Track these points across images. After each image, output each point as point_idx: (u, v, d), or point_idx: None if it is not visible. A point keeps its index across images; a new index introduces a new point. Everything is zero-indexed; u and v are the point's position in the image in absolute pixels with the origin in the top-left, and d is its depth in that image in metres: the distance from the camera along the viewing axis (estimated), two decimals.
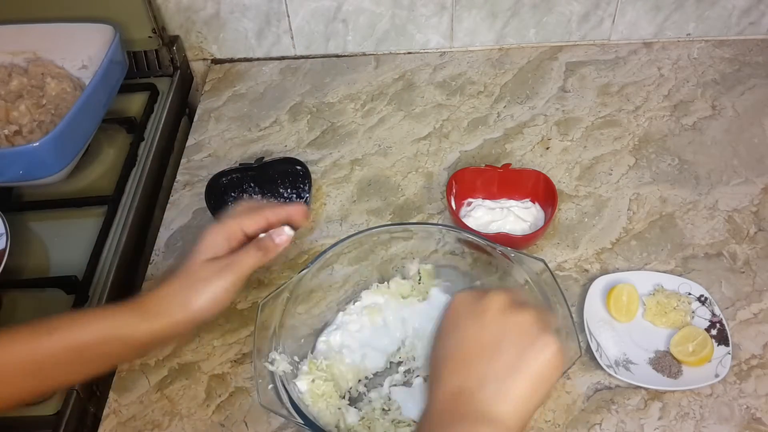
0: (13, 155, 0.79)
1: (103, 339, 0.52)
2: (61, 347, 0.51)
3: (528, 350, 0.47)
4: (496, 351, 0.47)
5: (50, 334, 0.51)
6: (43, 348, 0.51)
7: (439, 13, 1.04)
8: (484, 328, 0.49)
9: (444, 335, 0.51)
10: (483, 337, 0.48)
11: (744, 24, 1.05)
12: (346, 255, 0.70)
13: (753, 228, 0.80)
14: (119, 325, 0.53)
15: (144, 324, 0.53)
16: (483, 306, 0.50)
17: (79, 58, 0.96)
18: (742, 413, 0.64)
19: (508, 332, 0.48)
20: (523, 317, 0.49)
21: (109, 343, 0.53)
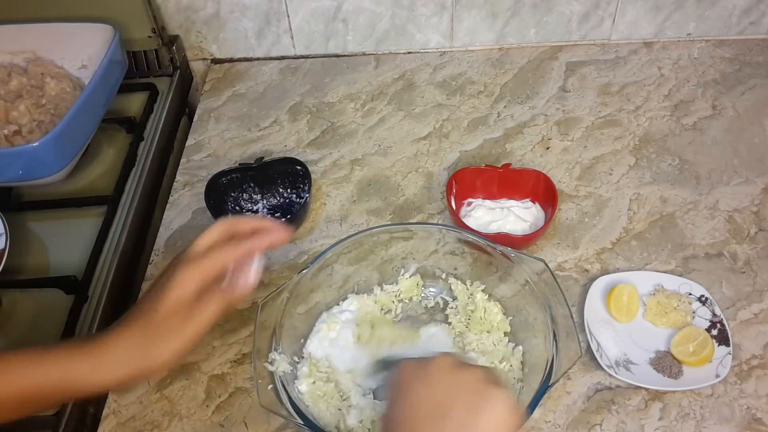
0: (13, 155, 0.79)
1: (55, 384, 0.50)
2: (13, 389, 0.49)
3: (479, 408, 0.46)
4: (447, 411, 0.46)
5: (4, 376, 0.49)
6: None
7: (439, 13, 1.04)
8: (433, 389, 0.48)
9: (393, 402, 0.50)
10: (432, 399, 0.47)
11: (744, 24, 1.05)
12: (346, 255, 0.70)
13: (753, 228, 0.80)
14: (73, 372, 0.49)
15: (99, 374, 0.50)
16: (429, 369, 0.49)
17: (78, 58, 0.96)
18: (743, 413, 0.64)
19: (456, 391, 0.47)
20: (471, 374, 0.48)
21: (62, 389, 0.50)
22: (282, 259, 0.80)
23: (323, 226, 0.84)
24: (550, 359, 0.59)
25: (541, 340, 0.62)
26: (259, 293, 0.76)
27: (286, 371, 0.61)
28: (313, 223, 0.84)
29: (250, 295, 0.53)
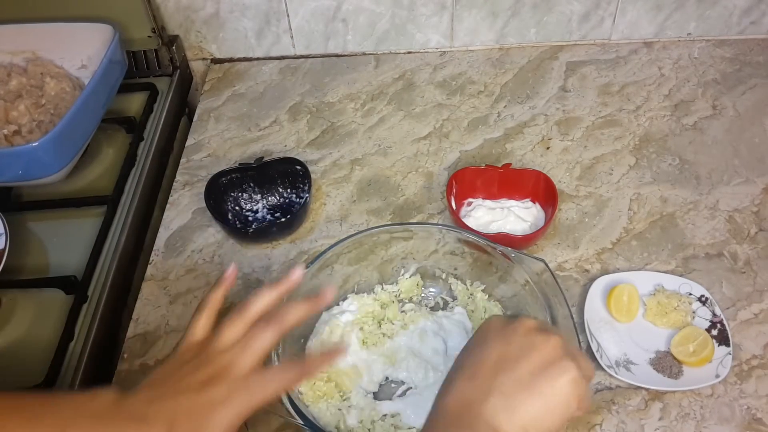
0: (13, 155, 0.79)
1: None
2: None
3: (546, 370, 0.45)
4: (514, 366, 0.46)
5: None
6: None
7: (439, 13, 1.04)
8: (508, 345, 0.48)
9: (467, 350, 0.50)
10: (504, 353, 0.47)
11: (745, 24, 1.05)
12: (346, 255, 0.70)
13: (754, 228, 0.80)
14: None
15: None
16: (511, 327, 0.49)
17: (78, 58, 0.96)
18: (743, 414, 0.64)
19: (529, 351, 0.47)
20: (549, 341, 0.47)
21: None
22: (282, 259, 0.80)
23: (323, 226, 0.84)
24: None
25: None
26: None
27: None
28: (313, 223, 0.84)
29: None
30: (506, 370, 0.46)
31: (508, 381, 0.45)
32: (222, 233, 0.84)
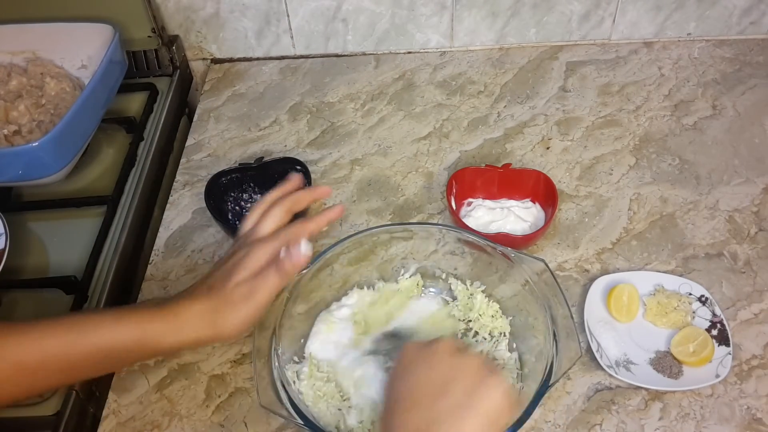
0: (13, 155, 0.79)
1: (132, 344, 0.54)
2: (93, 348, 0.53)
3: (477, 390, 0.48)
4: (446, 390, 0.48)
5: (84, 334, 0.53)
6: (76, 347, 0.52)
7: (440, 13, 1.04)
8: (433, 369, 0.50)
9: (394, 381, 0.53)
10: (432, 379, 0.50)
11: (745, 24, 1.05)
12: (346, 255, 0.70)
13: (754, 228, 0.80)
14: (150, 332, 0.54)
15: (173, 336, 0.54)
16: (431, 350, 0.52)
17: (78, 58, 0.96)
18: (743, 414, 0.64)
19: (456, 373, 0.50)
20: (471, 359, 0.51)
21: (138, 348, 0.54)
22: None
23: None
24: (550, 359, 0.59)
25: (541, 340, 0.62)
26: None
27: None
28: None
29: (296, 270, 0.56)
30: (443, 396, 0.48)
31: (447, 406, 0.48)
32: (222, 233, 0.84)
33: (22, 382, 0.52)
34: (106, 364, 0.56)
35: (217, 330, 0.55)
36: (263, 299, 0.56)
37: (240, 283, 0.56)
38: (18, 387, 0.52)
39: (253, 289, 0.55)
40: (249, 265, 0.56)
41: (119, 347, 0.54)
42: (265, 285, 0.56)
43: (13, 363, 0.51)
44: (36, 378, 0.53)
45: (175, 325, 0.54)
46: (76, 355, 0.53)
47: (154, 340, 0.54)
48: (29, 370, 0.52)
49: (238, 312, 0.55)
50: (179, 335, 0.54)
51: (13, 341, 0.52)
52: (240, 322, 0.55)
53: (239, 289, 0.55)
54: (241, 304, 0.55)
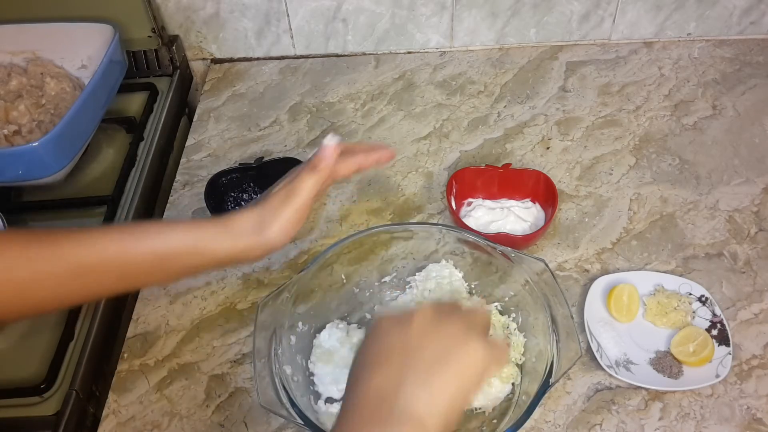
0: (13, 155, 0.79)
1: (186, 250, 0.55)
2: (148, 252, 0.54)
3: (452, 351, 0.46)
4: (419, 352, 0.46)
5: (139, 239, 0.54)
6: (132, 251, 0.54)
7: (440, 13, 1.04)
8: (409, 334, 0.48)
9: (366, 345, 0.50)
10: (406, 342, 0.48)
11: (745, 24, 1.05)
12: (346, 255, 0.70)
13: (754, 228, 0.80)
14: (204, 238, 0.56)
15: (224, 241, 0.56)
16: (407, 317, 0.49)
17: (78, 58, 0.96)
18: (743, 413, 0.64)
19: (432, 336, 0.47)
20: (451, 324, 0.48)
21: (191, 255, 0.56)
22: (282, 259, 0.80)
23: (323, 226, 0.84)
24: (550, 359, 0.59)
25: (541, 340, 0.62)
26: (259, 293, 0.77)
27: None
28: (313, 223, 0.84)
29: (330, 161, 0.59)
30: (415, 354, 0.46)
31: (417, 369, 0.46)
32: None
33: (80, 284, 0.53)
34: (161, 271, 0.56)
35: (263, 236, 0.57)
36: (300, 199, 0.58)
37: (279, 190, 0.59)
38: (77, 291, 0.53)
39: (289, 191, 0.59)
40: (288, 178, 0.60)
41: (174, 252, 0.55)
42: (300, 184, 0.59)
43: (72, 264, 0.51)
44: (94, 281, 0.53)
45: (226, 232, 0.57)
46: (133, 258, 0.54)
47: (207, 246, 0.56)
48: (88, 272, 0.52)
49: (280, 215, 0.58)
50: (230, 241, 0.56)
51: (73, 243, 0.52)
52: (282, 226, 0.58)
53: (278, 195, 0.59)
54: (281, 208, 0.58)
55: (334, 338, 0.69)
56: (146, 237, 0.55)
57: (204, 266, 0.58)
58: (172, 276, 0.59)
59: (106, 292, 0.57)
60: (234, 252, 0.57)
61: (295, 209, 0.58)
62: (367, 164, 0.63)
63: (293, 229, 0.59)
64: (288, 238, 0.59)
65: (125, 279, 0.55)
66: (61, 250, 0.51)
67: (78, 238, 0.53)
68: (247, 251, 0.57)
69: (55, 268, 0.51)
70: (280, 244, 0.58)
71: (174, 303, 0.77)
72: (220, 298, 0.77)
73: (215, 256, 0.57)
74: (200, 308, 0.76)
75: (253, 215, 0.58)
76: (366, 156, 0.63)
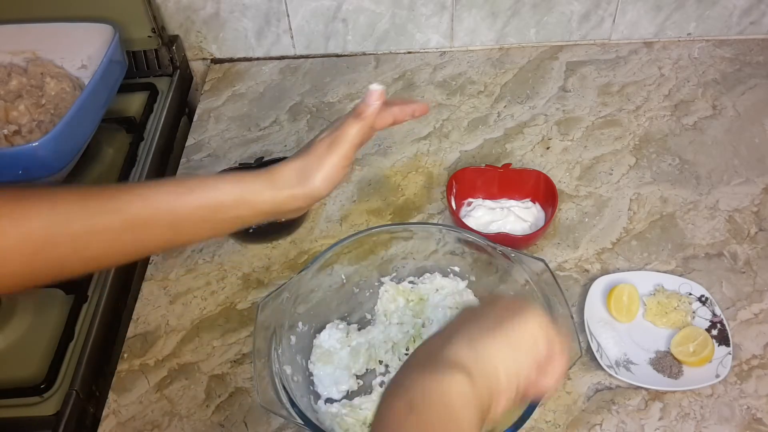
0: (13, 155, 0.79)
1: (234, 201, 0.56)
2: (198, 205, 0.55)
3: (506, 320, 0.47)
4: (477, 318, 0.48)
5: (190, 192, 0.55)
6: (184, 203, 0.55)
7: (440, 13, 1.04)
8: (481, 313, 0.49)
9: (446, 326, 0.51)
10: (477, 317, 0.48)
11: (745, 24, 1.05)
12: (346, 255, 0.70)
13: (754, 228, 0.80)
14: (249, 189, 0.57)
15: (269, 191, 0.57)
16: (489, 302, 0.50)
17: (78, 58, 0.96)
18: (743, 413, 0.64)
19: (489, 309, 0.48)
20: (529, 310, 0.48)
21: (239, 206, 0.57)
22: (282, 259, 0.80)
23: (323, 226, 0.84)
24: None
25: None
26: (259, 293, 0.77)
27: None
28: (313, 223, 0.84)
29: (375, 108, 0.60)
30: (472, 321, 0.47)
31: (472, 327, 0.47)
32: None
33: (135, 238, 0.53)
34: (211, 223, 0.57)
35: (308, 184, 0.58)
36: (344, 146, 0.59)
37: (323, 138, 0.60)
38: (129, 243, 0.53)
39: (333, 139, 0.59)
40: (332, 126, 0.61)
41: (223, 204, 0.56)
42: (344, 131, 0.59)
43: (127, 218, 0.52)
44: (149, 234, 0.54)
45: (270, 182, 0.57)
46: (184, 210, 0.55)
47: (252, 196, 0.57)
48: (142, 225, 0.53)
49: (324, 163, 0.58)
50: (274, 190, 0.57)
51: (125, 198, 0.53)
52: (327, 173, 0.58)
53: (322, 143, 0.59)
54: (326, 155, 0.58)
55: (334, 339, 0.69)
56: (195, 189, 0.55)
57: (251, 217, 0.59)
58: (221, 228, 0.60)
59: (159, 245, 0.59)
60: (278, 201, 0.58)
61: (340, 156, 0.59)
62: (402, 116, 0.64)
63: (337, 177, 0.59)
64: (332, 186, 0.59)
65: (177, 232, 0.56)
66: (117, 203, 0.52)
67: (132, 192, 0.54)
68: (290, 201, 0.58)
69: (111, 222, 0.51)
70: (324, 192, 0.59)
71: (174, 303, 0.77)
72: (220, 298, 0.77)
73: (261, 208, 0.58)
74: (200, 308, 0.76)
75: (297, 165, 0.59)
76: (401, 108, 0.64)
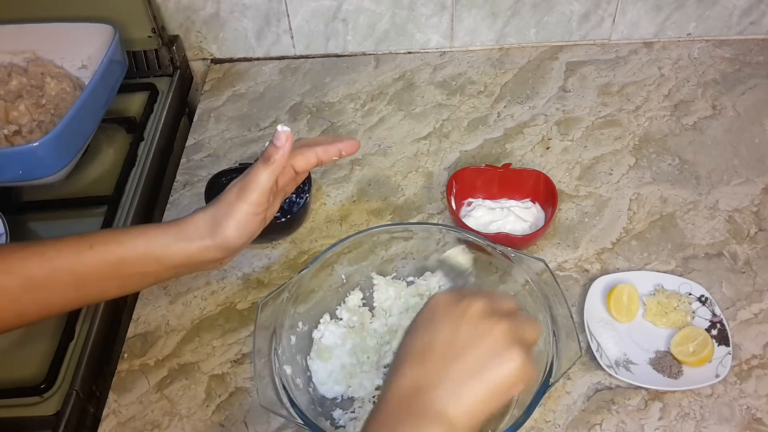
0: (13, 155, 0.79)
1: (139, 256, 0.55)
2: (101, 261, 0.54)
3: (492, 360, 0.46)
4: (461, 354, 0.47)
5: (90, 248, 0.54)
6: (84, 261, 0.53)
7: (439, 13, 1.04)
8: (457, 331, 0.48)
9: (414, 331, 0.50)
10: (452, 339, 0.48)
11: (744, 24, 1.05)
12: (346, 255, 0.70)
13: (753, 228, 0.80)
14: (156, 242, 0.55)
15: (178, 244, 0.55)
16: (461, 309, 0.49)
17: (78, 58, 0.96)
18: (743, 413, 0.64)
19: (477, 339, 0.47)
20: (498, 328, 0.48)
21: (145, 261, 0.55)
22: (282, 259, 0.80)
23: (323, 226, 0.84)
24: (550, 359, 0.58)
25: (540, 340, 0.62)
26: (259, 293, 0.77)
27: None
28: (313, 223, 0.84)
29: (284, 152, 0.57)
30: (455, 360, 0.47)
31: (456, 370, 0.46)
32: None
33: (33, 298, 0.52)
34: (116, 280, 0.55)
35: (219, 234, 0.56)
36: (254, 191, 0.56)
37: (232, 186, 0.57)
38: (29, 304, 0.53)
39: (242, 186, 0.56)
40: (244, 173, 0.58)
41: (127, 258, 0.54)
42: (254, 177, 0.56)
43: (22, 278, 0.51)
44: (47, 293, 0.53)
45: (179, 234, 0.55)
46: (85, 268, 0.53)
47: (160, 250, 0.55)
48: (38, 284, 0.52)
49: (234, 210, 0.56)
50: (184, 242, 0.55)
51: (20, 257, 0.52)
52: (238, 221, 0.56)
53: (231, 191, 0.57)
54: (236, 203, 0.56)
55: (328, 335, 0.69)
56: (97, 246, 0.54)
57: (164, 272, 0.57)
58: (132, 285, 0.58)
59: (63, 305, 0.56)
60: (188, 255, 0.56)
61: (250, 204, 0.56)
62: (326, 157, 0.61)
63: (250, 225, 0.57)
64: (245, 236, 0.57)
65: (81, 291, 0.54)
66: (9, 264, 0.51)
67: (26, 252, 0.52)
68: (203, 253, 0.56)
69: (7, 283, 0.51)
70: (238, 243, 0.57)
71: (174, 303, 0.77)
72: (220, 298, 0.77)
73: (171, 262, 0.55)
74: (200, 308, 0.76)
75: (207, 215, 0.56)
76: (325, 149, 0.61)
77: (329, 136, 0.66)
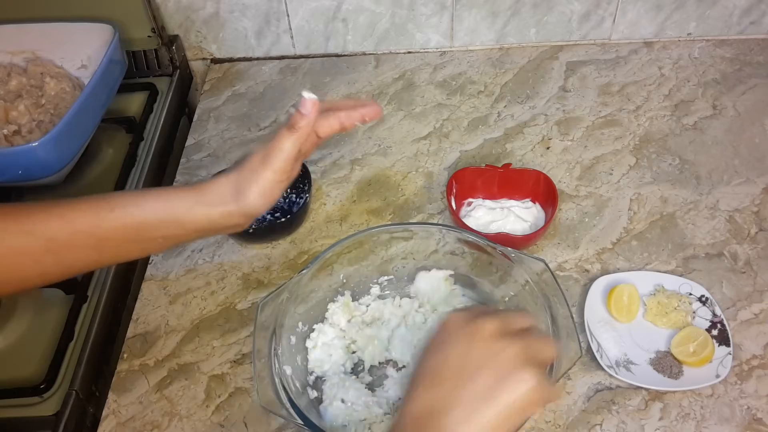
0: (12, 155, 0.79)
1: (160, 219, 0.54)
2: (121, 224, 0.53)
3: (504, 382, 0.46)
4: (473, 377, 0.46)
5: (111, 211, 0.53)
6: (104, 223, 0.53)
7: (440, 13, 1.04)
8: (469, 352, 0.48)
9: (429, 352, 0.50)
10: (465, 361, 0.47)
11: (745, 23, 1.05)
12: (346, 255, 0.70)
13: (754, 228, 0.80)
14: (177, 205, 0.55)
15: (201, 209, 0.55)
16: (473, 329, 0.49)
17: (78, 58, 0.96)
18: (743, 414, 0.64)
19: (490, 360, 0.47)
20: (511, 349, 0.47)
21: (166, 225, 0.54)
22: (282, 259, 0.80)
23: (323, 226, 0.84)
24: None
25: None
26: (259, 293, 0.77)
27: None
28: (313, 223, 0.84)
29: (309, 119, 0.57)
30: (467, 382, 0.46)
31: (468, 393, 0.46)
32: None
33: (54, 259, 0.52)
34: (136, 243, 0.55)
35: (242, 199, 0.55)
36: (279, 158, 0.56)
37: (257, 153, 0.57)
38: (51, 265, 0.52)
39: (267, 153, 0.56)
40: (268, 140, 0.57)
41: (148, 222, 0.53)
42: (278, 144, 0.56)
43: (43, 239, 0.51)
44: (68, 255, 0.52)
45: (201, 197, 0.55)
46: (105, 229, 0.53)
47: (182, 214, 0.54)
48: (60, 245, 0.51)
49: (258, 177, 0.56)
50: (206, 207, 0.55)
51: (42, 218, 0.51)
52: (262, 188, 0.56)
53: (256, 157, 0.56)
54: (260, 169, 0.56)
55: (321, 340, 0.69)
56: (117, 207, 0.53)
57: (185, 236, 0.56)
58: (153, 247, 0.57)
59: (85, 266, 0.56)
60: (211, 220, 0.55)
61: (274, 170, 0.56)
62: (350, 122, 0.60)
63: (272, 193, 0.57)
64: (268, 202, 0.57)
65: (101, 253, 0.54)
66: (32, 225, 0.51)
67: (50, 212, 0.52)
68: (225, 218, 0.56)
69: (29, 244, 0.50)
70: (260, 209, 0.57)
71: (174, 303, 0.77)
72: (220, 298, 0.77)
73: (193, 226, 0.55)
74: (200, 308, 0.76)
75: (230, 180, 0.56)
76: (348, 114, 0.60)
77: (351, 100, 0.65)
